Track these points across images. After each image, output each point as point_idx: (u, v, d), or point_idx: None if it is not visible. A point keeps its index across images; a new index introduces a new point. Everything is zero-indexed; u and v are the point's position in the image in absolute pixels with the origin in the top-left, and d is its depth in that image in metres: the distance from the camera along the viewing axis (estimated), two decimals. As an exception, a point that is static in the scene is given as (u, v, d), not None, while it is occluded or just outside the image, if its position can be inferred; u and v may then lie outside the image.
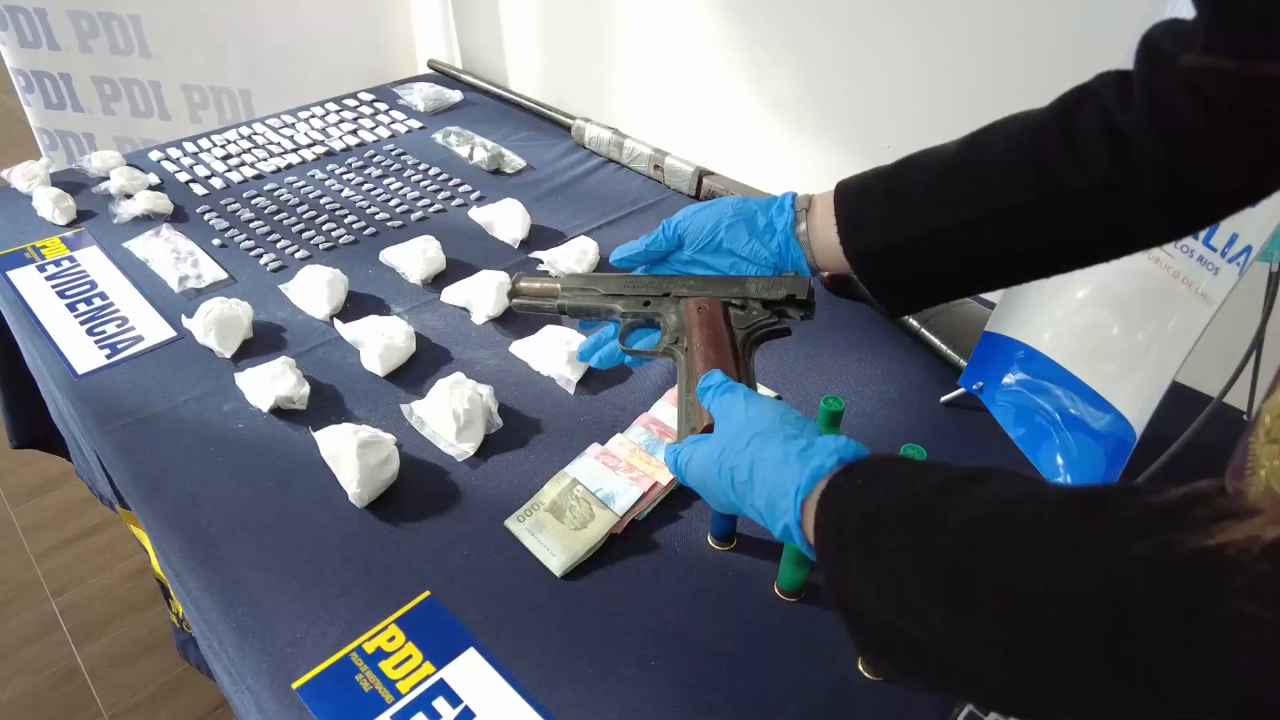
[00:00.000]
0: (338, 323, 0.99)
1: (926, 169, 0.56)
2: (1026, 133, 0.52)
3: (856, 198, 0.58)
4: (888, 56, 1.10)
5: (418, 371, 0.96)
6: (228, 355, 0.97)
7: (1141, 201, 0.49)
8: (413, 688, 0.65)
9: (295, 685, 0.65)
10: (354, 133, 1.50)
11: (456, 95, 1.64)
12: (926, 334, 1.00)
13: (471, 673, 0.66)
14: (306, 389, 0.91)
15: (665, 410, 0.90)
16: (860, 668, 0.67)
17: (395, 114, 1.58)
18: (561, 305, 0.68)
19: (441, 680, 0.66)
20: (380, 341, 0.95)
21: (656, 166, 1.37)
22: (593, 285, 0.68)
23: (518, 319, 1.05)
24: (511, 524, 0.78)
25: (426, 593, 0.72)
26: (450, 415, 0.85)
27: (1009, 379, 0.88)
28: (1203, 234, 0.69)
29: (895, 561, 0.38)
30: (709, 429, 0.54)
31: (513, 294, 0.70)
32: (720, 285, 0.64)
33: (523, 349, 0.99)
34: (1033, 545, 0.33)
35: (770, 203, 0.63)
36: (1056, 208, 0.51)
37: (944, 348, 0.98)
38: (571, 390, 0.94)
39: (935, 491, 0.38)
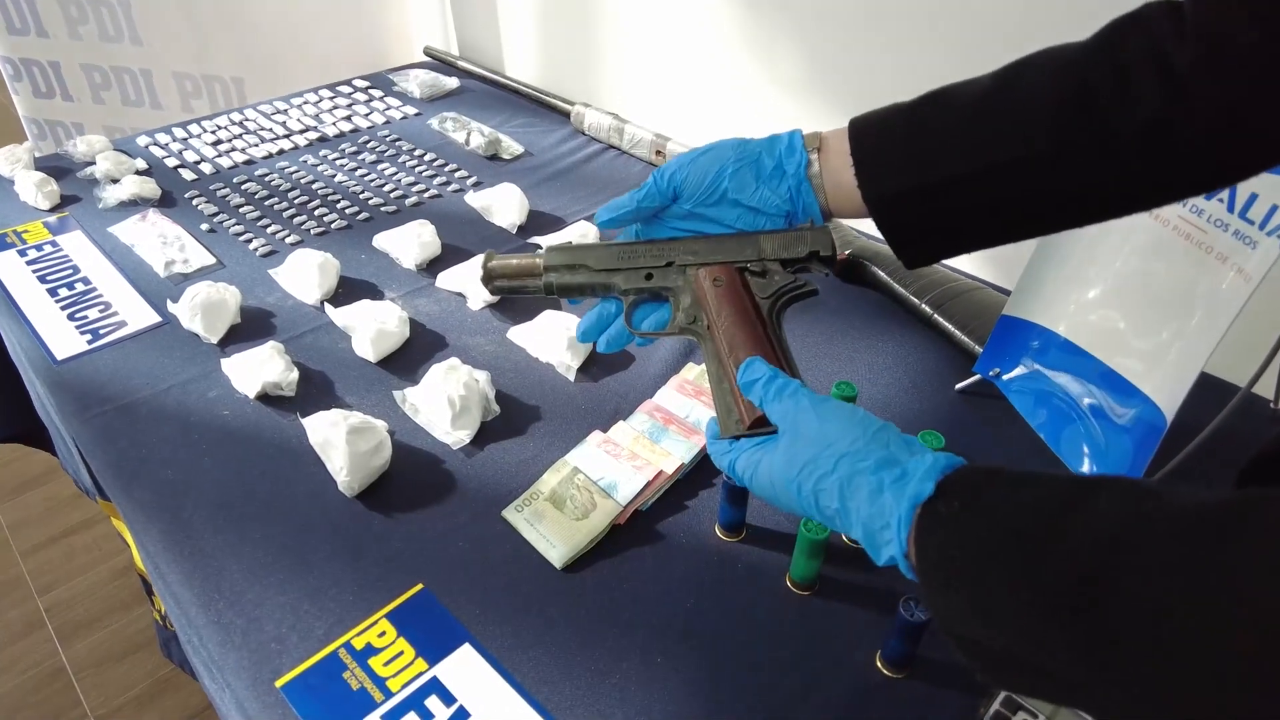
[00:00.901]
0: (329, 307, 0.96)
1: (954, 106, 0.51)
2: (1067, 67, 0.48)
3: (874, 137, 0.53)
4: (900, 34, 1.06)
5: (411, 358, 0.93)
6: (214, 341, 0.94)
7: (1194, 143, 0.45)
8: (404, 685, 0.61)
9: (279, 683, 0.61)
10: (348, 119, 1.46)
11: (453, 82, 1.61)
12: (940, 320, 0.96)
13: (467, 670, 0.62)
14: (295, 375, 0.87)
15: (670, 397, 0.86)
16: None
17: (390, 100, 1.54)
18: (549, 284, 0.60)
19: (435, 678, 0.62)
20: (373, 326, 0.91)
21: (658, 152, 1.33)
22: (580, 258, 0.60)
23: (515, 304, 1.01)
24: (509, 514, 0.74)
25: (419, 585, 0.68)
26: (445, 402, 0.82)
27: (1028, 365, 0.84)
28: (1239, 206, 0.66)
29: (1011, 601, 0.35)
30: (759, 422, 0.50)
31: (487, 276, 0.62)
32: (730, 246, 0.57)
33: (521, 335, 0.95)
34: (1172, 580, 0.30)
35: (775, 142, 0.57)
36: (1100, 149, 0.47)
37: (958, 334, 0.94)
38: (571, 377, 0.90)
39: (1042, 516, 0.35)
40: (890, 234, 0.54)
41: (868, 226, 0.67)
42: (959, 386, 0.90)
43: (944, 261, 1.05)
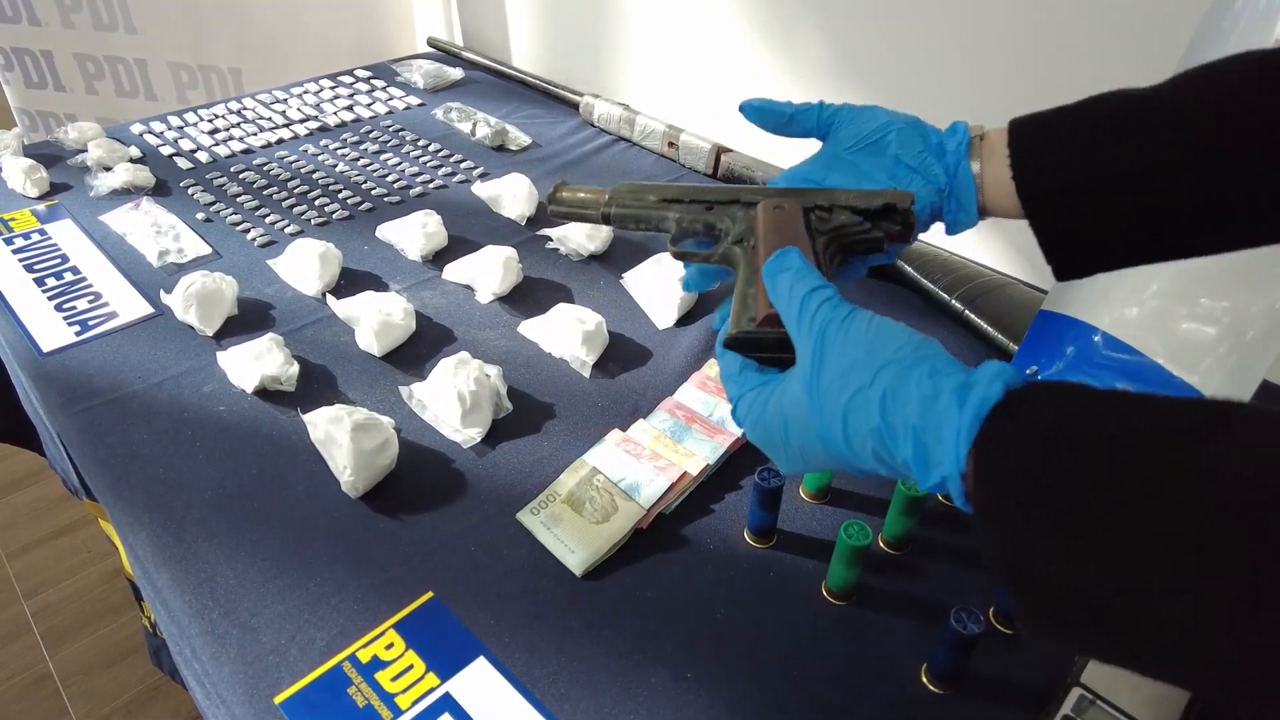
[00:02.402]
0: (330, 299, 0.91)
1: (1124, 103, 0.46)
2: (1254, 66, 0.43)
3: (1036, 131, 0.49)
4: (930, 17, 1.02)
5: (418, 352, 0.88)
6: (209, 333, 0.89)
7: None
8: (414, 702, 0.56)
9: (278, 699, 0.57)
10: (349, 108, 1.42)
11: (458, 72, 1.56)
12: (971, 316, 0.92)
13: (482, 685, 0.58)
14: (295, 369, 0.82)
15: (691, 394, 0.82)
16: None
17: (393, 90, 1.49)
18: (607, 213, 0.57)
19: (447, 694, 0.57)
20: (376, 318, 0.86)
21: (670, 144, 1.29)
22: (647, 190, 0.57)
23: (525, 297, 0.97)
24: (524, 517, 0.70)
25: (429, 594, 0.64)
26: (455, 398, 0.77)
27: (1069, 363, 0.80)
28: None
29: (1114, 533, 0.29)
30: (770, 321, 0.44)
31: (552, 200, 0.60)
32: (805, 193, 0.53)
33: (532, 329, 0.91)
34: None
35: (929, 124, 0.53)
36: None
37: (991, 330, 0.90)
38: (587, 373, 0.86)
39: (1165, 437, 0.30)
40: (1046, 237, 0.49)
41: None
42: (993, 385, 0.86)
43: (973, 257, 1.02)
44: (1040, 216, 0.48)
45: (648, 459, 0.74)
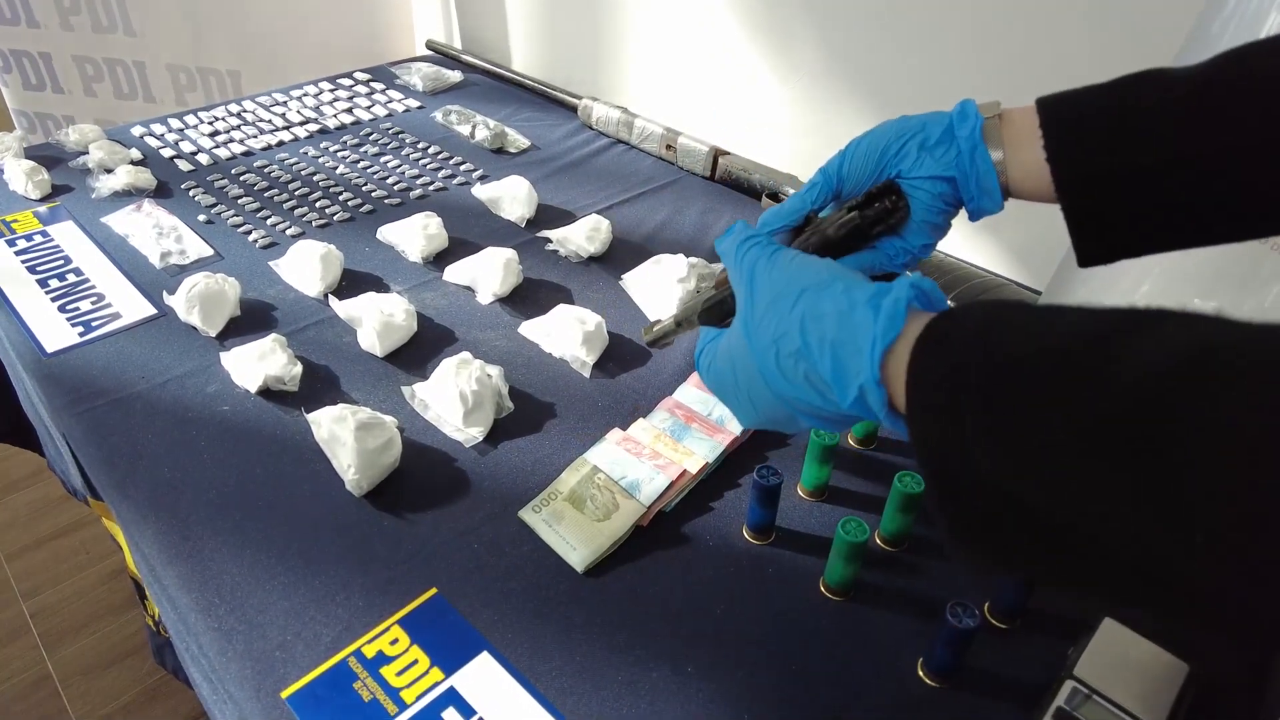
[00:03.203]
0: (332, 300, 0.92)
1: (1166, 85, 0.44)
2: None
3: (1070, 111, 0.47)
4: (922, 21, 1.03)
5: (419, 352, 0.89)
6: (213, 334, 0.89)
7: None
8: (419, 696, 0.57)
9: (285, 694, 0.57)
10: (349, 111, 1.42)
11: (456, 75, 1.57)
12: (966, 316, 0.93)
13: (485, 680, 0.58)
14: (298, 369, 0.83)
15: (691, 394, 0.83)
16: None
17: (392, 93, 1.50)
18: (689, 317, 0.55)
19: (452, 688, 0.58)
20: (378, 319, 0.87)
21: (669, 146, 1.30)
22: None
23: (526, 297, 0.97)
24: (526, 515, 0.70)
25: (433, 590, 0.65)
26: (457, 397, 0.78)
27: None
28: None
29: (1044, 421, 0.29)
30: (722, 284, 0.45)
31: (650, 341, 0.60)
32: None
33: (533, 329, 0.92)
34: (1257, 408, 0.25)
35: (940, 115, 0.51)
36: None
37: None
38: (587, 373, 0.86)
39: (1093, 338, 0.29)
40: (1079, 221, 0.47)
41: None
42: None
43: (967, 258, 1.04)
44: (1076, 201, 0.47)
45: (648, 457, 0.75)
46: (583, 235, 1.05)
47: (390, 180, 1.22)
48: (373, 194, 1.18)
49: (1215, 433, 0.25)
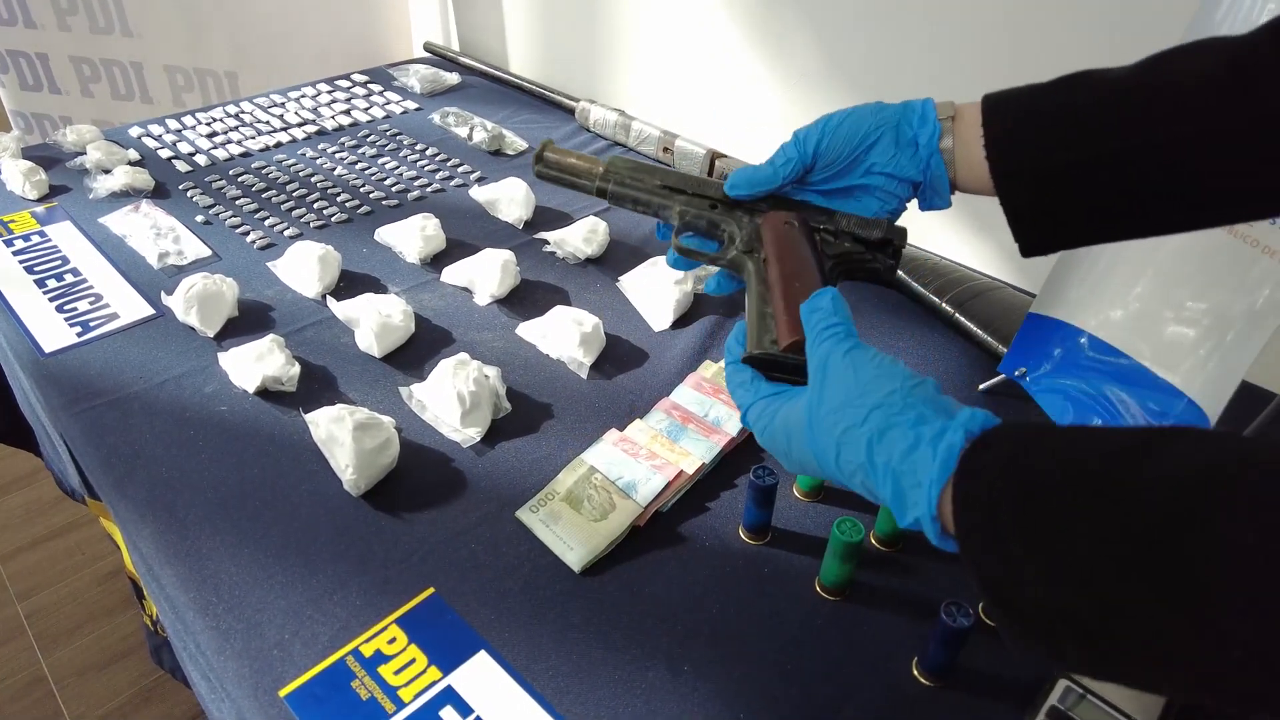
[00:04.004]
0: (330, 301, 0.92)
1: (1095, 85, 0.48)
2: (1224, 54, 0.45)
3: (1009, 111, 0.50)
4: (918, 24, 1.04)
5: (417, 353, 0.89)
6: (210, 334, 0.90)
7: None
8: (417, 695, 0.57)
9: (283, 693, 0.58)
10: (347, 112, 1.43)
11: (454, 77, 1.58)
12: (961, 319, 0.94)
13: (483, 679, 0.59)
14: (296, 369, 0.83)
15: (687, 395, 0.83)
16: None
17: (390, 95, 1.51)
18: (603, 189, 0.58)
19: (449, 687, 0.58)
20: (376, 320, 0.87)
21: (666, 149, 1.30)
22: (646, 174, 0.57)
23: (523, 299, 0.98)
24: (524, 515, 0.71)
25: (430, 590, 0.65)
26: (455, 398, 0.78)
27: (1057, 365, 0.82)
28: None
29: (1076, 549, 0.31)
30: (794, 348, 0.47)
31: (538, 159, 0.59)
32: (807, 209, 0.56)
33: (530, 330, 0.92)
34: (1272, 524, 0.27)
35: (909, 110, 0.53)
36: (1261, 134, 0.43)
37: (981, 333, 0.92)
38: (584, 374, 0.87)
39: (1113, 457, 0.32)
40: (1016, 215, 0.50)
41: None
42: (982, 387, 0.88)
43: (963, 261, 1.04)
44: (1012, 195, 0.50)
45: (645, 458, 0.75)
46: (580, 237, 1.06)
47: (388, 182, 1.22)
48: (370, 195, 1.18)
49: (1228, 549, 0.27)
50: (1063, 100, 0.49)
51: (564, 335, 0.88)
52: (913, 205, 0.57)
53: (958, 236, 1.10)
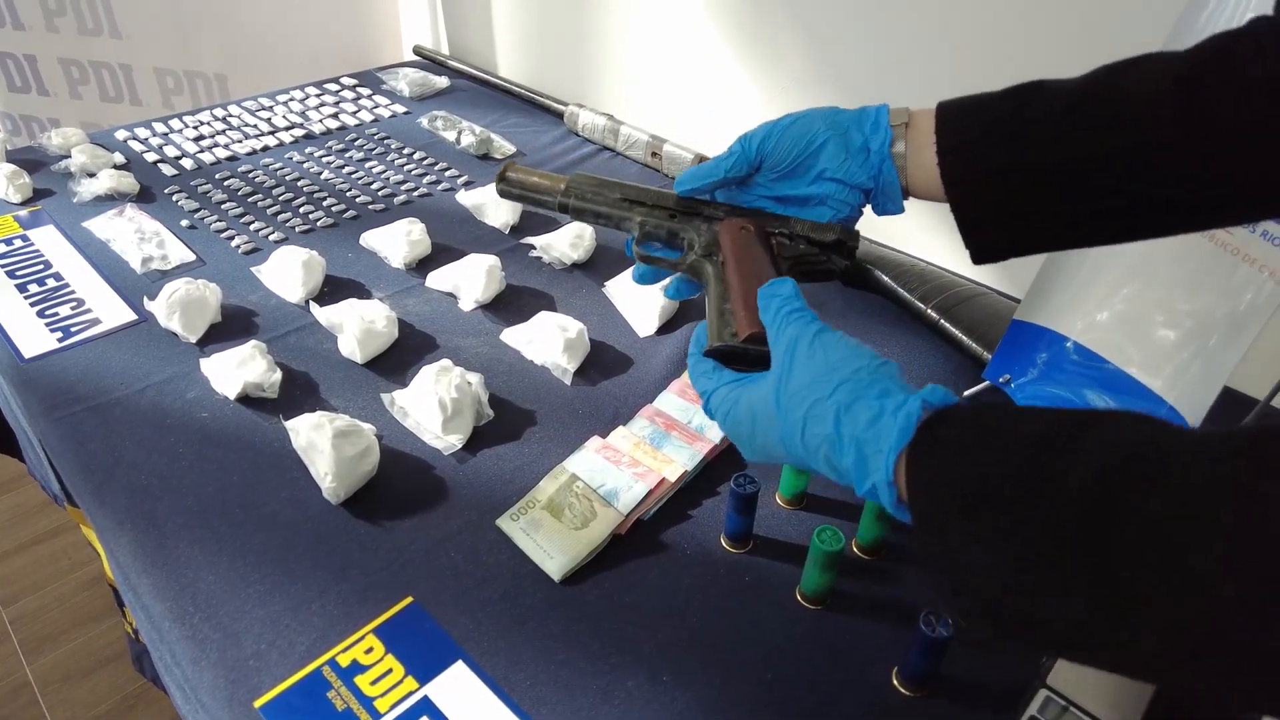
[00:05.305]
0: (313, 306, 0.92)
1: (1046, 96, 0.49)
2: (1171, 69, 0.46)
3: (962, 118, 0.51)
4: (907, 29, 1.04)
5: (400, 359, 0.89)
6: (193, 340, 0.89)
7: None
8: (393, 706, 0.57)
9: (258, 704, 0.57)
10: (335, 116, 1.42)
11: (443, 81, 1.57)
12: (947, 325, 0.93)
13: (460, 689, 0.58)
14: (278, 376, 0.83)
15: (671, 402, 0.83)
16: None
17: (379, 98, 1.50)
18: (565, 204, 0.59)
19: (426, 697, 0.58)
20: (359, 326, 0.87)
21: (654, 154, 1.30)
22: (606, 189, 0.59)
23: (508, 304, 0.97)
24: (504, 523, 0.70)
25: (409, 599, 0.64)
26: (436, 405, 0.78)
27: (1042, 371, 0.82)
28: (1267, 207, 0.63)
29: (1011, 531, 0.33)
30: (755, 340, 0.48)
31: (500, 179, 0.60)
32: (763, 214, 0.57)
33: (514, 336, 0.92)
34: (1183, 511, 0.28)
35: (863, 116, 0.55)
36: (1207, 144, 0.45)
37: (965, 339, 0.92)
38: (568, 381, 0.86)
39: (1039, 448, 0.33)
40: (966, 221, 0.51)
41: (876, 231, 0.64)
42: (967, 393, 0.87)
43: (948, 266, 1.04)
44: (961, 201, 0.51)
45: (627, 465, 0.75)
46: (566, 242, 1.05)
47: (375, 186, 1.22)
48: (357, 199, 1.18)
49: (1148, 533, 0.28)
50: (1014, 109, 0.50)
51: (548, 341, 0.88)
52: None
53: (942, 241, 1.10)
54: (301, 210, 1.14)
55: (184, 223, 1.10)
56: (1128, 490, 0.29)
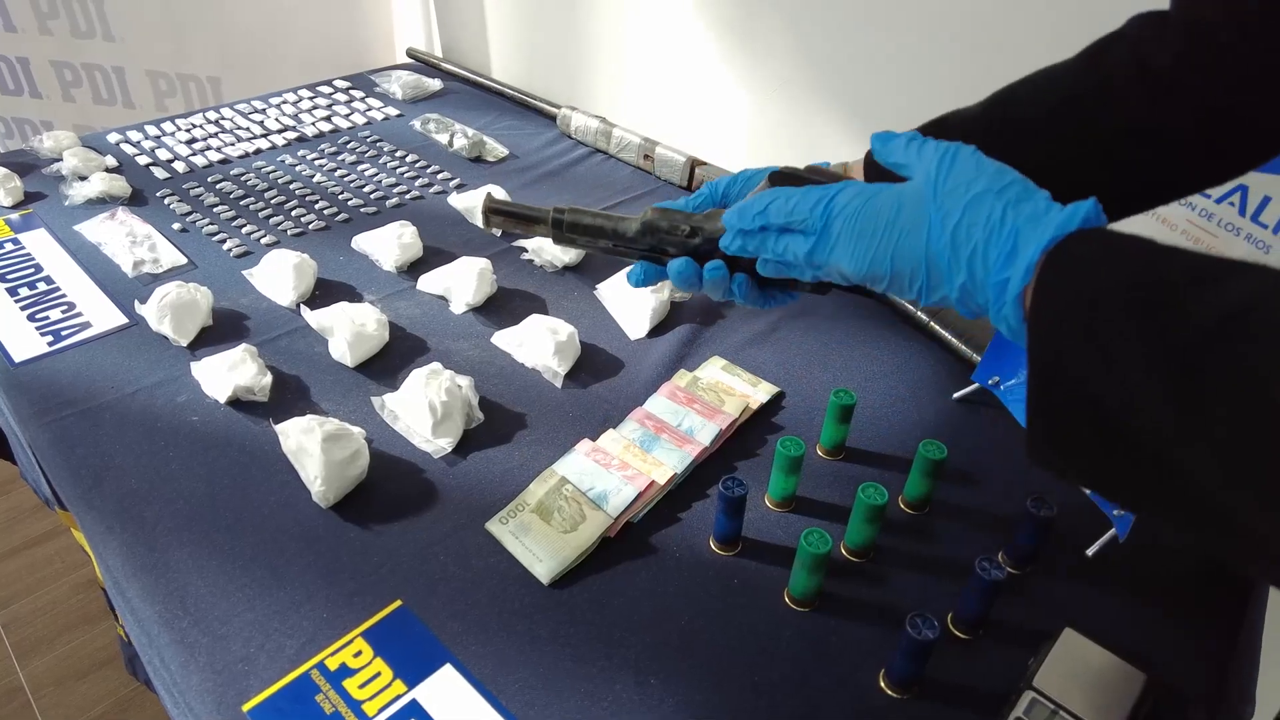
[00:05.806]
0: (304, 310, 0.92)
1: (951, 128, 0.53)
2: (1055, 82, 0.51)
3: (878, 164, 0.53)
4: (893, 32, 1.04)
5: (391, 362, 0.89)
6: (184, 343, 0.89)
7: (1186, 139, 0.47)
8: (381, 709, 0.57)
9: (246, 707, 0.57)
10: (328, 119, 1.42)
11: (436, 83, 1.57)
12: (936, 327, 0.94)
13: (448, 692, 0.58)
14: (269, 379, 0.83)
15: (661, 405, 0.83)
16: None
17: (372, 101, 1.50)
18: (558, 219, 0.57)
19: (414, 701, 0.58)
20: (350, 329, 0.87)
21: (646, 156, 1.30)
22: (596, 216, 0.58)
23: (500, 307, 0.98)
24: (493, 526, 0.71)
25: (398, 602, 0.65)
26: (426, 408, 0.78)
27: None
28: (1250, 210, 0.64)
29: (1127, 345, 0.34)
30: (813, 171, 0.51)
31: (489, 209, 0.58)
32: None
33: (505, 339, 0.92)
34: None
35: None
36: (1092, 155, 0.49)
37: (955, 342, 0.92)
38: (559, 383, 0.87)
39: (1187, 275, 0.34)
40: None
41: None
42: (956, 395, 0.88)
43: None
44: None
45: (617, 468, 0.75)
46: (558, 247, 1.05)
47: (367, 189, 1.22)
48: (349, 202, 1.18)
49: (1240, 373, 0.30)
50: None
51: (539, 344, 0.88)
52: None
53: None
54: (293, 213, 1.14)
55: (175, 226, 1.10)
56: (1242, 331, 0.31)
